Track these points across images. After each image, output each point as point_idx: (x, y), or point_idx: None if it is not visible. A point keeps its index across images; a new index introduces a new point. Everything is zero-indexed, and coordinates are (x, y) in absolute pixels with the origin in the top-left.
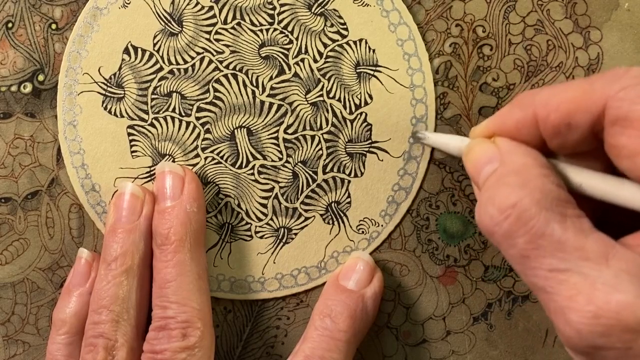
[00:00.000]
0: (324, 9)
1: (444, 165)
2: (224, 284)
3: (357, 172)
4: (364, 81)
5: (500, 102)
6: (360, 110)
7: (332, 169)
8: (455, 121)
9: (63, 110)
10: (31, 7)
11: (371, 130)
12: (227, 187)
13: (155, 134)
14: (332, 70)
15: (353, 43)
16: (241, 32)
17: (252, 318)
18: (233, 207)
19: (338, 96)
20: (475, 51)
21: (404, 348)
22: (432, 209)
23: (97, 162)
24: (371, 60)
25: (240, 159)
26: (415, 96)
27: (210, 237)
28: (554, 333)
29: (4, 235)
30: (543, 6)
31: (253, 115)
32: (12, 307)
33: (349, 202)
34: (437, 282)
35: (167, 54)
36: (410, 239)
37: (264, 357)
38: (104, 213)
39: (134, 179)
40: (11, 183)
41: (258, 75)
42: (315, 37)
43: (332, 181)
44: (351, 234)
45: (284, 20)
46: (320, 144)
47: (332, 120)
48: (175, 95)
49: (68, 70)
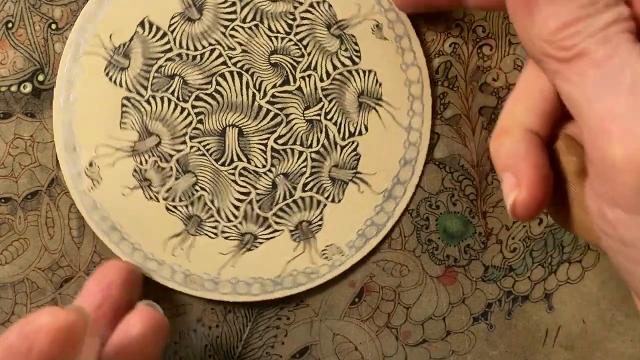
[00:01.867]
0: (342, 32)
1: (444, 165)
2: (178, 276)
3: (335, 197)
4: (364, 111)
5: (500, 102)
6: (353, 138)
7: (312, 189)
8: (455, 121)
9: (65, 67)
10: (31, 7)
11: (359, 161)
12: (205, 180)
13: (148, 111)
14: (335, 93)
15: (362, 72)
16: (257, 34)
17: (252, 318)
18: (206, 201)
19: (335, 120)
20: (475, 51)
21: (404, 348)
22: (432, 209)
23: (84, 124)
24: (375, 93)
25: (224, 157)
26: (410, 139)
27: (175, 225)
28: (554, 333)
29: (4, 235)
30: None
31: (248, 118)
32: (12, 307)
33: (320, 225)
34: (437, 282)
35: (180, 37)
36: (410, 239)
37: (264, 357)
38: (79, 176)
39: (115, 149)
40: (11, 183)
41: (263, 80)
42: (327, 57)
43: (309, 200)
44: (315, 256)
45: (301, 33)
46: (307, 162)
47: (323, 141)
48: (177, 78)
49: (81, 29)
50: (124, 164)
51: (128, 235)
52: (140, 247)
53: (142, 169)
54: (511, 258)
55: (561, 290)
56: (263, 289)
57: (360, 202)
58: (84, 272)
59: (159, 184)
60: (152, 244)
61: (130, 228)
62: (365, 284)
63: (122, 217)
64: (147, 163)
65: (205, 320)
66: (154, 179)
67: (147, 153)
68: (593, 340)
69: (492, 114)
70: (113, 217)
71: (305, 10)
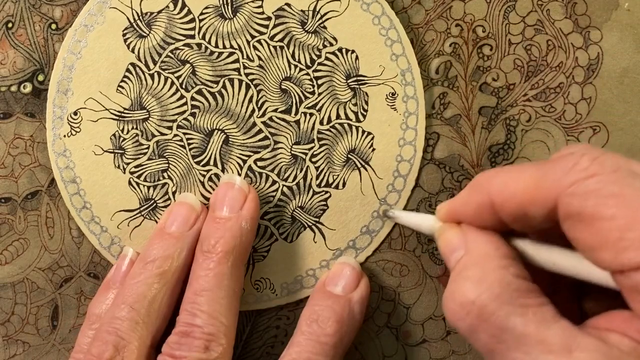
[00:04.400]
0: (359, 86)
1: (444, 165)
2: (114, 248)
3: (289, 236)
4: (348, 168)
5: (500, 102)
6: (329, 189)
7: (271, 220)
8: (455, 121)
9: (88, 11)
10: (31, 7)
11: (325, 212)
12: (175, 171)
13: (149, 85)
14: (328, 140)
15: (362, 131)
16: (279, 55)
17: (252, 318)
18: (168, 191)
19: (319, 164)
20: (475, 51)
21: (404, 348)
22: (432, 209)
23: (84, 72)
24: (366, 156)
25: (202, 157)
26: (380, 210)
27: (131, 201)
28: None
29: (4, 235)
30: (543, 6)
31: (239, 130)
32: (12, 307)
33: (264, 257)
34: (437, 282)
35: (206, 29)
36: (410, 239)
37: (264, 357)
38: (60, 120)
39: (104, 108)
40: (11, 183)
41: (267, 100)
42: (335, 103)
43: (264, 229)
44: (247, 283)
45: (320, 71)
46: (276, 193)
47: (300, 180)
48: (188, 66)
49: None
50: (106, 125)
51: (84, 192)
52: (90, 207)
53: (121, 137)
54: None
55: None
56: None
57: (311, 250)
58: (84, 272)
59: (131, 157)
60: (103, 209)
61: (88, 186)
62: None
63: (85, 173)
64: (128, 133)
65: None
66: (129, 151)
67: (132, 124)
68: None
69: (492, 114)
70: (77, 169)
71: (333, 52)
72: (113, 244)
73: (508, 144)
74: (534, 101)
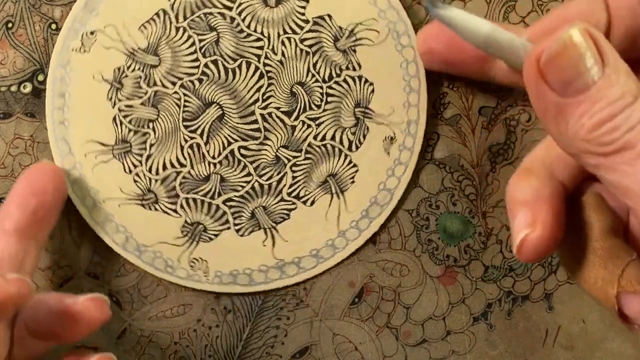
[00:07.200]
0: (364, 118)
1: (444, 165)
2: (73, 172)
3: (240, 229)
4: (322, 189)
5: (500, 102)
6: (296, 202)
7: (231, 207)
8: (455, 121)
9: None
10: (31, 7)
11: (284, 221)
12: (161, 125)
13: (171, 36)
14: (315, 156)
15: (348, 160)
16: (302, 59)
17: (252, 318)
18: (147, 141)
19: (296, 175)
20: None
21: (404, 348)
22: (432, 209)
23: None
24: (342, 185)
25: (192, 123)
26: (336, 243)
27: (109, 135)
28: (554, 333)
29: None
30: (543, 6)
31: (237, 112)
32: None
33: (210, 239)
34: (437, 282)
35: (244, 8)
36: (410, 239)
37: (264, 357)
38: (76, 34)
39: (120, 40)
40: (11, 183)
41: (273, 95)
42: (335, 125)
43: (221, 213)
44: (184, 259)
45: (334, 90)
46: (246, 185)
47: (273, 182)
48: (214, 34)
49: None
50: (115, 56)
51: (67, 109)
52: (68, 125)
53: (124, 73)
54: (511, 258)
55: (561, 290)
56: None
57: (256, 251)
58: (84, 272)
59: (126, 96)
60: (78, 133)
61: (74, 105)
62: (365, 284)
63: (76, 91)
64: (132, 72)
65: (205, 320)
66: (126, 89)
67: (139, 65)
68: (593, 340)
69: (492, 114)
70: (71, 86)
71: (353, 77)
72: (74, 168)
73: (508, 144)
74: None
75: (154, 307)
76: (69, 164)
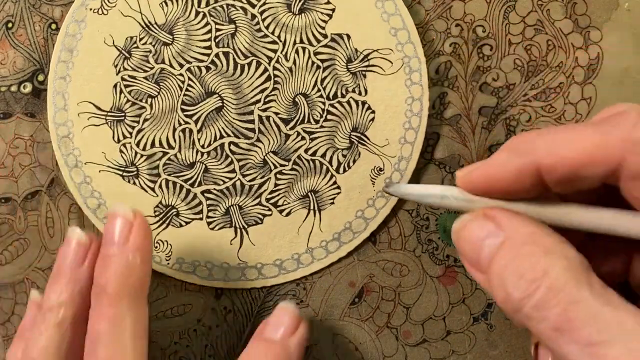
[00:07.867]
0: (358, 143)
1: (444, 165)
2: (62, 130)
3: (212, 223)
4: (301, 203)
5: (500, 102)
6: (272, 210)
7: (208, 200)
8: (455, 121)
9: None
10: (31, 7)
11: (256, 225)
12: (159, 103)
13: (189, 19)
14: (301, 169)
15: (333, 182)
16: (311, 72)
17: (252, 318)
18: (142, 115)
19: (280, 183)
20: (475, 51)
21: (404, 348)
22: (432, 209)
23: None
24: (322, 203)
25: (190, 108)
26: (301, 259)
27: (106, 102)
28: None
29: (4, 235)
30: (543, 6)
31: (235, 108)
32: (12, 307)
33: (181, 225)
34: (437, 282)
35: (267, 9)
36: (410, 239)
37: None
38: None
39: (139, 12)
40: (11, 183)
41: (275, 100)
42: (328, 144)
43: (197, 203)
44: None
45: (335, 109)
46: (229, 182)
47: (255, 184)
48: (231, 27)
49: None
50: (131, 25)
51: (72, 65)
52: (69, 80)
53: (135, 44)
54: None
55: None
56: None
57: (222, 247)
58: None
59: (131, 67)
60: (78, 90)
61: (79, 62)
62: (365, 284)
63: (84, 50)
64: (144, 45)
65: (205, 320)
66: (133, 59)
67: (152, 40)
68: None
69: (492, 114)
70: (81, 43)
71: (357, 101)
72: (64, 125)
73: None
74: (534, 101)
75: (154, 307)
76: (60, 118)
